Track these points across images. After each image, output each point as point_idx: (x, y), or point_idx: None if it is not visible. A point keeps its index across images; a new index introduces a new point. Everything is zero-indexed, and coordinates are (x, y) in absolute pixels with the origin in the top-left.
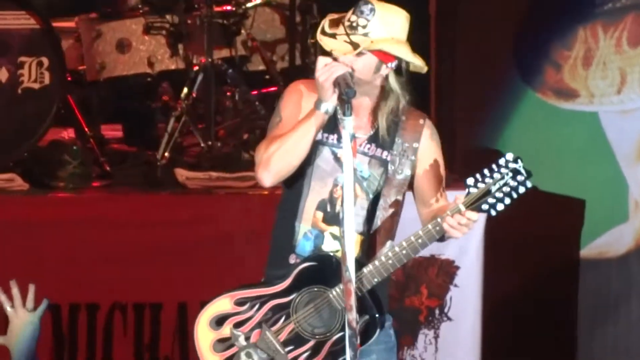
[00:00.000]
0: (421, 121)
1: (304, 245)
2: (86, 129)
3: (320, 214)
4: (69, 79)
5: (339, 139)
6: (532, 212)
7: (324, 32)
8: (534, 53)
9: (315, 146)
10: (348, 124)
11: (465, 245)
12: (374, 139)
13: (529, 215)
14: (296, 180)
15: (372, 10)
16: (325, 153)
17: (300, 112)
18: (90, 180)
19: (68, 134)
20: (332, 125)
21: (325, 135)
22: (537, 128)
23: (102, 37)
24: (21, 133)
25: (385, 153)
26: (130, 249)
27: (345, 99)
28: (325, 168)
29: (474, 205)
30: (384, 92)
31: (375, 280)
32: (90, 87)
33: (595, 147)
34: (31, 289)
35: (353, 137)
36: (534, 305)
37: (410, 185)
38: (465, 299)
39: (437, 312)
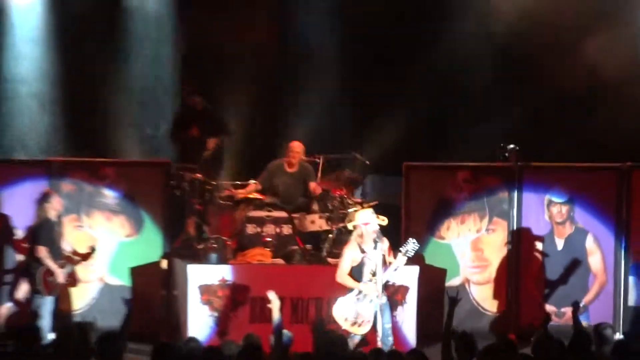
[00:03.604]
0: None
1: None
2: None
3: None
4: None
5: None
6: (427, 275)
7: None
8: (434, 223)
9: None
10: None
11: (411, 286)
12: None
13: (429, 276)
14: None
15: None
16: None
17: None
18: None
19: None
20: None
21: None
22: (433, 249)
23: None
24: None
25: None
26: None
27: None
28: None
29: (403, 254)
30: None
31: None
32: None
33: (449, 256)
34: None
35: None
36: (436, 307)
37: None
38: (410, 304)
39: (399, 308)
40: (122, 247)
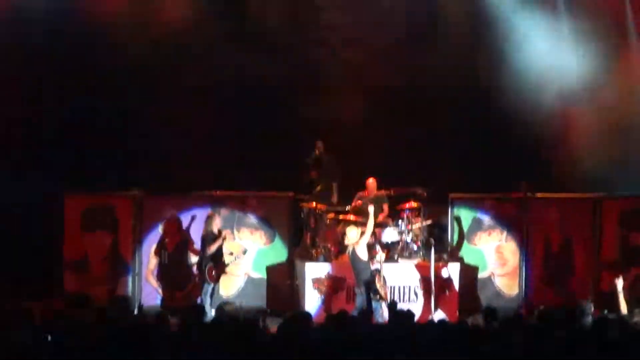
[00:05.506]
0: None
1: None
2: None
3: None
4: None
5: None
6: (465, 270)
7: None
8: (470, 235)
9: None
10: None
11: (454, 277)
12: None
13: (466, 271)
14: None
15: None
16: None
17: None
18: None
19: None
20: None
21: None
22: (468, 252)
23: None
24: None
25: None
26: None
27: None
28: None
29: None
30: None
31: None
32: None
33: (480, 258)
34: None
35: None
36: (471, 292)
37: None
38: (453, 290)
39: (447, 291)
40: (260, 252)
